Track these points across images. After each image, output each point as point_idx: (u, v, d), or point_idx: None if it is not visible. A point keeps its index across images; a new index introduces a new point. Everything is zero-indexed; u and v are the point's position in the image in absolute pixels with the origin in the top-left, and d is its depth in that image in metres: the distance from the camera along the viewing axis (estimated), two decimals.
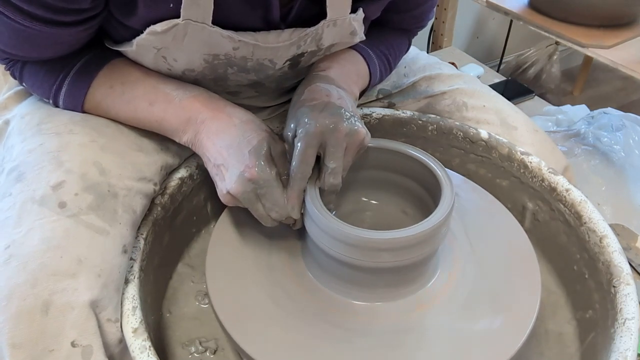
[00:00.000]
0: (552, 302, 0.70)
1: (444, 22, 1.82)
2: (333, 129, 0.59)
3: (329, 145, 0.59)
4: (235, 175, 0.59)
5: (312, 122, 0.59)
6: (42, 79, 0.66)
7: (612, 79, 2.24)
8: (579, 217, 0.67)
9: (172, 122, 0.65)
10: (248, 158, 0.59)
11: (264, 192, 0.59)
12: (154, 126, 0.67)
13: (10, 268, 0.52)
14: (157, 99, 0.65)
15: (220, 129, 0.63)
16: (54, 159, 0.60)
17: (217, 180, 0.62)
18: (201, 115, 0.64)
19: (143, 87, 0.66)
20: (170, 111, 0.65)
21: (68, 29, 0.58)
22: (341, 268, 0.59)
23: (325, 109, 0.61)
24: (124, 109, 0.66)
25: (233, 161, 0.60)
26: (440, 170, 0.63)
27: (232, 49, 0.63)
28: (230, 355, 0.65)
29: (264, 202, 0.60)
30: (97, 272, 0.54)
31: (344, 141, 0.60)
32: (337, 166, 0.60)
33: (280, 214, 0.60)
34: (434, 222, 0.56)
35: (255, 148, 0.60)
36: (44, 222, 0.55)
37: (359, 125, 0.61)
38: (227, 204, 0.63)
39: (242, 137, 0.61)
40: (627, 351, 0.54)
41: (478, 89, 0.84)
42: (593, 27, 1.29)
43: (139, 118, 0.66)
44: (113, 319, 0.55)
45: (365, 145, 0.63)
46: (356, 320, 0.59)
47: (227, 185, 0.60)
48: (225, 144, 0.61)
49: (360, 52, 0.76)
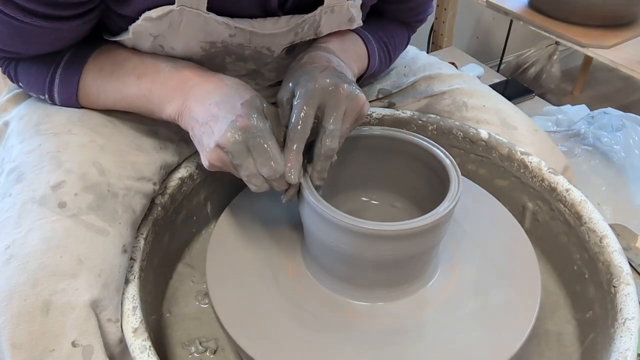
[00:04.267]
0: (552, 302, 0.70)
1: (444, 22, 1.83)
2: (333, 90, 0.58)
3: (328, 107, 0.58)
4: (226, 124, 0.55)
5: (313, 81, 0.58)
6: (36, 74, 0.66)
7: (612, 79, 2.24)
8: (579, 217, 0.67)
9: (159, 92, 0.62)
10: (240, 109, 0.56)
11: (256, 142, 0.55)
12: (142, 102, 0.64)
13: (11, 268, 0.52)
14: (146, 72, 0.64)
15: (211, 89, 0.60)
16: (53, 159, 0.60)
17: (204, 139, 0.58)
18: (191, 81, 0.62)
19: (132, 63, 0.64)
20: (159, 81, 0.63)
21: (67, 22, 0.58)
22: (342, 266, 0.59)
23: (325, 70, 0.60)
24: (114, 87, 0.65)
25: (224, 112, 0.57)
26: (448, 159, 0.62)
27: (229, 35, 0.62)
28: (230, 355, 0.65)
29: (255, 156, 0.55)
30: (97, 272, 0.54)
31: (344, 104, 0.58)
32: (335, 128, 0.57)
33: (273, 170, 0.55)
34: (434, 216, 0.56)
35: (248, 101, 0.57)
36: (44, 222, 0.55)
37: (359, 91, 0.60)
38: (210, 167, 0.59)
39: (234, 93, 0.59)
40: (627, 351, 0.54)
41: (478, 88, 0.84)
42: (593, 27, 1.29)
43: (128, 94, 0.64)
44: (113, 319, 0.55)
45: (365, 114, 0.61)
46: (357, 320, 0.59)
47: (215, 137, 0.56)
48: (215, 100, 0.58)
49: (358, 34, 0.75)
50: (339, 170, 0.68)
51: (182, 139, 0.73)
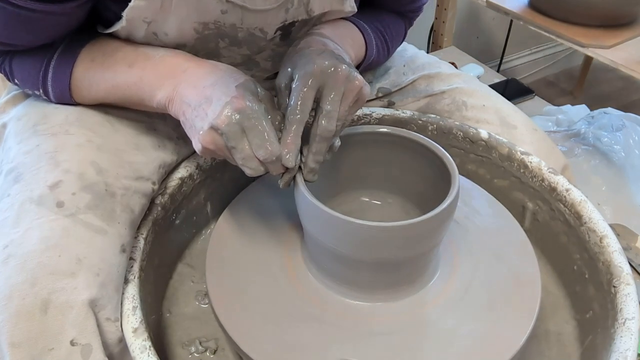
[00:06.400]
0: (552, 302, 0.70)
1: (444, 22, 1.82)
2: (332, 72, 0.57)
3: (326, 88, 0.57)
4: (220, 105, 0.54)
5: (311, 63, 0.57)
6: (30, 67, 0.65)
7: (612, 79, 2.24)
8: (579, 217, 0.67)
9: (150, 79, 0.61)
10: (235, 90, 0.55)
11: (252, 124, 0.54)
12: (132, 90, 0.63)
13: (9, 268, 0.52)
14: (137, 59, 0.63)
15: (204, 73, 0.59)
16: (51, 159, 0.60)
17: (197, 122, 0.56)
18: (183, 66, 0.61)
19: (123, 53, 0.64)
20: (150, 67, 0.62)
21: (61, 5, 0.57)
22: (342, 267, 0.59)
23: (323, 53, 0.60)
24: (105, 77, 0.64)
25: (218, 94, 0.56)
26: (449, 159, 0.62)
27: (221, 12, 0.62)
28: (230, 355, 0.65)
29: (251, 138, 0.54)
30: (95, 271, 0.54)
31: (343, 85, 0.58)
32: (332, 109, 0.57)
33: (269, 152, 0.54)
34: (429, 215, 0.55)
35: (242, 84, 0.57)
36: (42, 221, 0.55)
37: (357, 73, 0.60)
38: (203, 151, 0.57)
39: (228, 76, 0.58)
40: (627, 351, 0.54)
41: (477, 88, 0.84)
42: (593, 27, 1.29)
43: (119, 83, 0.63)
44: (112, 318, 0.55)
45: (365, 97, 0.61)
46: (356, 320, 0.59)
47: (209, 119, 0.55)
48: (209, 83, 0.57)
49: (353, 23, 0.75)
50: (339, 170, 0.68)
51: (180, 137, 0.72)
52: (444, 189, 0.59)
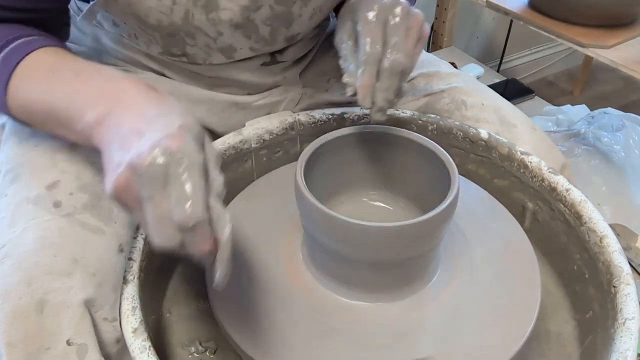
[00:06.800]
0: (552, 302, 0.70)
1: (444, 22, 1.83)
2: (393, 6, 0.58)
3: (390, 23, 0.58)
4: (151, 140, 0.43)
5: (372, 3, 0.58)
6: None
7: (612, 79, 2.24)
8: (579, 217, 0.67)
9: (86, 94, 0.51)
10: (176, 129, 0.45)
11: (178, 173, 0.43)
12: (64, 103, 0.52)
13: (6, 267, 0.52)
14: (86, 69, 0.55)
15: (150, 101, 0.49)
16: (49, 159, 0.60)
17: (116, 155, 0.45)
18: (130, 91, 0.50)
19: (79, 63, 0.56)
20: (94, 82, 0.53)
21: None
22: (341, 267, 0.59)
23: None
24: (45, 82, 0.55)
25: (154, 128, 0.45)
26: (449, 160, 0.62)
27: None
28: (230, 356, 0.64)
29: (171, 190, 0.43)
30: (92, 271, 0.54)
31: (405, 20, 0.58)
32: (400, 41, 0.57)
33: (187, 215, 0.42)
34: (428, 216, 0.55)
35: (188, 124, 0.46)
36: (38, 221, 0.55)
37: (417, 10, 0.60)
38: (113, 196, 0.45)
39: (176, 113, 0.47)
40: (627, 351, 0.54)
41: (476, 87, 0.84)
42: (593, 27, 1.29)
43: (54, 91, 0.54)
44: (109, 318, 0.55)
45: (425, 35, 0.61)
46: (356, 321, 0.59)
47: (130, 155, 0.43)
48: (151, 114, 0.47)
49: None
50: (339, 170, 0.68)
51: None
52: (444, 189, 0.59)
